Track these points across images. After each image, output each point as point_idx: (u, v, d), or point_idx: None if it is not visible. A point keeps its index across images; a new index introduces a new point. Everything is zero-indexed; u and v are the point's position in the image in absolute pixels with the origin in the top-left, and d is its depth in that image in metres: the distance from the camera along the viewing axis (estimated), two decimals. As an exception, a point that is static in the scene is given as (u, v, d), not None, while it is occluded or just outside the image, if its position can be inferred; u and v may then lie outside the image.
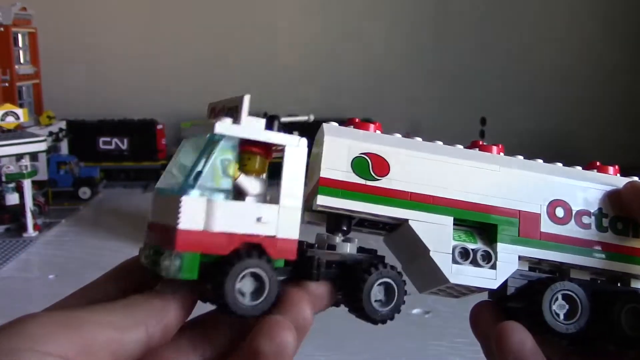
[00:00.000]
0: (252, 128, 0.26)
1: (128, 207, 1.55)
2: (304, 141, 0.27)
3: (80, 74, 1.91)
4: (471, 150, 0.33)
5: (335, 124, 0.31)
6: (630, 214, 0.33)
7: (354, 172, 0.30)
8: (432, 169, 0.31)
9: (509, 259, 0.31)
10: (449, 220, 0.31)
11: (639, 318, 0.31)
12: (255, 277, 0.25)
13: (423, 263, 0.31)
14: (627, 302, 0.31)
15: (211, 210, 0.25)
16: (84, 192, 1.60)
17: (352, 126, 0.31)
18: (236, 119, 0.26)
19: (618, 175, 0.34)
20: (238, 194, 0.26)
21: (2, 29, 1.58)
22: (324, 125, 0.30)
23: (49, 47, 1.84)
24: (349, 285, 0.29)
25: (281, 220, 0.26)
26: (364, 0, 1.92)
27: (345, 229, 0.31)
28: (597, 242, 0.32)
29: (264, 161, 0.27)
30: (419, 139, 0.33)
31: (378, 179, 0.30)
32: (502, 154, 0.33)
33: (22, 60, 1.68)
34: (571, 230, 0.32)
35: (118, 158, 1.82)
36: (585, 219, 0.32)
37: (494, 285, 0.31)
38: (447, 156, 0.32)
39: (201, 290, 0.26)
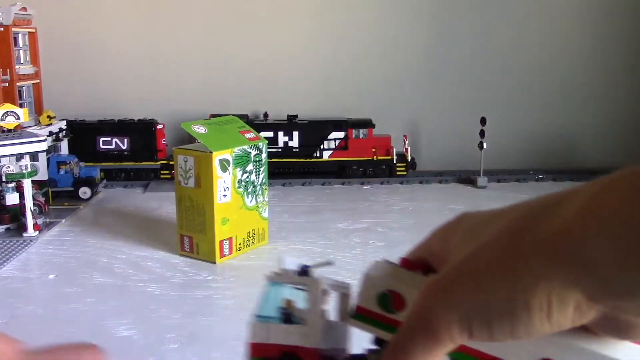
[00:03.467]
0: (286, 278, 0.35)
1: (128, 207, 1.55)
2: (319, 283, 0.35)
3: (80, 74, 1.91)
4: None
5: (392, 261, 0.35)
6: None
7: (378, 304, 0.33)
8: None
9: None
10: None
11: None
12: None
13: None
14: None
15: (268, 329, 0.34)
16: (84, 192, 1.60)
17: (398, 265, 0.34)
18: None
19: None
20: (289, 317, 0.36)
21: (2, 29, 1.58)
22: (375, 261, 0.34)
23: (49, 47, 1.84)
24: None
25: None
26: (364, 1, 1.92)
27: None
28: None
29: None
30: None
31: (395, 313, 0.32)
32: None
33: (22, 60, 1.68)
34: None
35: (118, 158, 1.81)
36: None
37: None
38: None
39: None
